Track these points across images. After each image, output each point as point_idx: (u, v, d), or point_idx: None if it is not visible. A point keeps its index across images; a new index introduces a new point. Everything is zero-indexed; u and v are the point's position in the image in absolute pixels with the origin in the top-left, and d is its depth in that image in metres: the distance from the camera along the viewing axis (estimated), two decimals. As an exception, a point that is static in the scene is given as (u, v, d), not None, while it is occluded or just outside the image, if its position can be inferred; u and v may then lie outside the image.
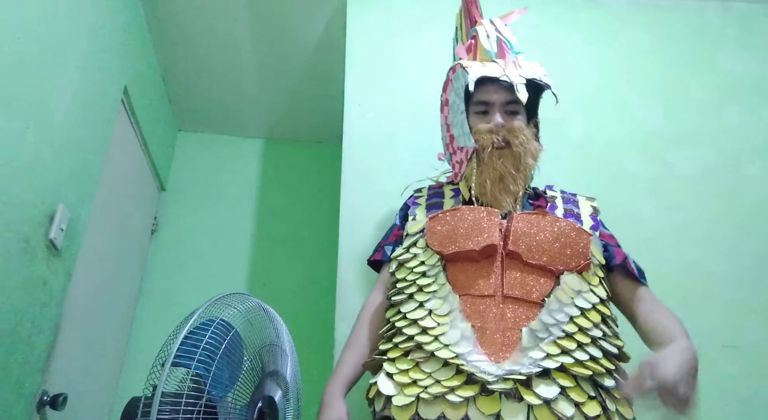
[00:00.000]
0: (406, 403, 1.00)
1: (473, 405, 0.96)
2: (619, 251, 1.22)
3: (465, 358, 1.00)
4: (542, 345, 1.00)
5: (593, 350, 1.01)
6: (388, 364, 1.08)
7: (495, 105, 1.26)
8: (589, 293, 1.09)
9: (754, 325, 1.67)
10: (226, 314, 1.13)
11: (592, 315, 1.06)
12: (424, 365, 1.03)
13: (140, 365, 2.26)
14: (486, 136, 1.24)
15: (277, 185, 2.83)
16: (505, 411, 0.94)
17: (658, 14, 2.16)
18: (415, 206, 1.33)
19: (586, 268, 1.11)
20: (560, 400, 0.95)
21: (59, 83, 1.50)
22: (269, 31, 2.34)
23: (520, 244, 1.10)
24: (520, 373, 0.96)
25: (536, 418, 0.94)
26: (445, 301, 1.09)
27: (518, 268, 1.09)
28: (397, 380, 1.03)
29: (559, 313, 1.04)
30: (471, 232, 1.13)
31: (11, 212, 1.29)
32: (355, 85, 1.96)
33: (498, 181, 1.21)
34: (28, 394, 1.43)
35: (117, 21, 1.90)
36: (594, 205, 1.31)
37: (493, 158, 1.22)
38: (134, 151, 2.28)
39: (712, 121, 1.98)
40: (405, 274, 1.18)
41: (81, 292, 1.76)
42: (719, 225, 1.81)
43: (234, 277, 2.57)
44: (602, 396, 0.99)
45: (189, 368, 1.01)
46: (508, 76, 1.25)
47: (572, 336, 1.02)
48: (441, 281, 1.12)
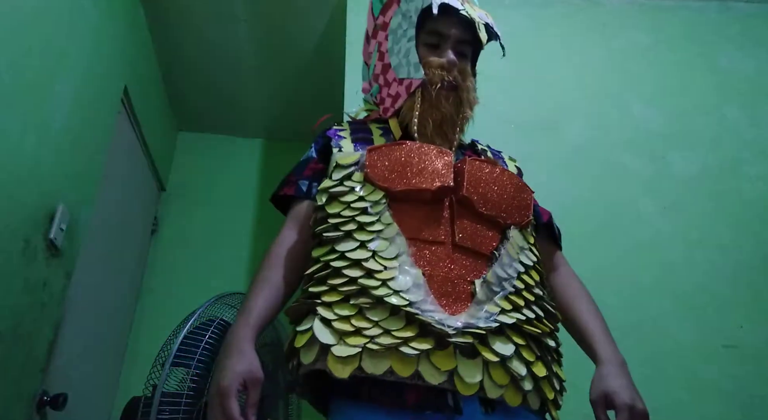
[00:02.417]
0: (350, 355, 0.85)
1: (426, 360, 0.85)
2: (544, 210, 1.18)
3: (418, 307, 0.88)
4: (496, 299, 0.92)
5: (537, 309, 0.96)
6: (323, 308, 0.91)
7: (449, 39, 1.14)
8: (529, 251, 1.03)
9: (754, 325, 1.67)
10: (226, 314, 1.14)
11: (533, 273, 1.01)
12: (369, 312, 0.89)
13: (140, 365, 2.25)
14: (437, 72, 1.11)
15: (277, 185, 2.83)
16: (461, 368, 0.85)
17: (658, 14, 2.16)
18: (338, 138, 1.16)
19: (527, 225, 1.06)
20: (514, 358, 0.88)
21: (59, 83, 1.50)
22: (269, 31, 2.34)
23: (473, 190, 1.01)
24: (478, 326, 0.88)
25: (491, 376, 0.86)
26: (391, 243, 0.96)
27: (469, 216, 1.00)
28: (336, 327, 0.87)
29: (510, 267, 0.97)
30: (422, 169, 1.01)
31: (11, 212, 1.29)
32: (355, 85, 1.96)
33: (439, 124, 1.11)
34: (28, 394, 1.43)
35: (117, 21, 1.90)
36: (518, 166, 1.24)
37: (441, 98, 1.11)
38: (134, 151, 2.28)
39: (711, 121, 1.98)
40: (339, 208, 1.01)
41: (81, 292, 1.76)
42: (719, 225, 1.81)
43: (234, 277, 2.56)
44: (546, 356, 0.94)
45: (189, 368, 1.01)
46: (468, 12, 1.14)
47: (521, 293, 0.96)
48: (386, 221, 0.98)
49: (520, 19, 2.14)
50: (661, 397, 1.57)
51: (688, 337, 1.65)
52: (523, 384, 0.87)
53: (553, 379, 0.93)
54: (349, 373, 0.84)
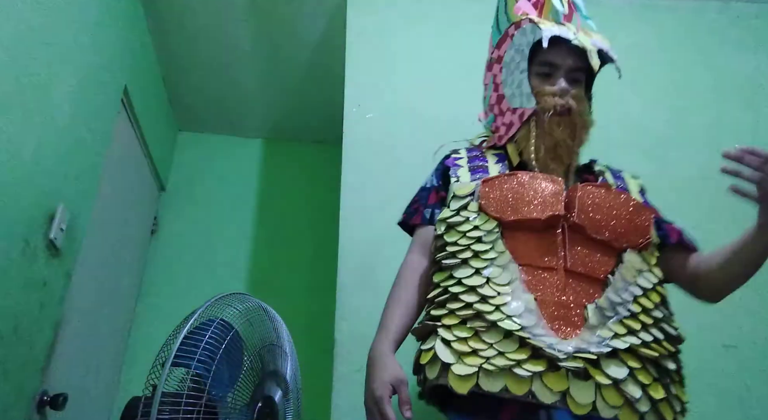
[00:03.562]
0: (468, 373, 0.93)
1: (539, 380, 0.91)
2: (672, 228, 1.17)
3: (530, 332, 0.94)
4: (609, 324, 0.96)
5: (656, 332, 0.98)
6: (443, 330, 1.00)
7: (561, 69, 1.18)
8: (649, 273, 1.05)
9: (754, 325, 1.67)
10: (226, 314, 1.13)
11: (653, 295, 1.03)
12: (484, 335, 0.97)
13: (140, 365, 2.26)
14: (549, 99, 1.16)
15: (277, 185, 2.83)
16: (573, 389, 0.90)
17: (657, 14, 2.16)
18: (456, 167, 1.23)
19: (646, 247, 1.08)
20: (628, 380, 0.92)
21: (59, 83, 1.50)
22: (269, 31, 2.34)
23: (584, 216, 1.05)
24: (589, 351, 0.92)
25: (604, 398, 0.90)
26: (504, 270, 1.02)
27: (581, 242, 1.04)
28: (455, 348, 0.97)
29: (624, 291, 1.00)
30: (532, 199, 1.07)
31: (11, 212, 1.29)
32: (355, 85, 1.97)
33: (552, 149, 1.15)
34: (28, 394, 1.43)
35: (117, 21, 1.90)
36: (641, 183, 1.26)
37: (553, 124, 1.15)
38: (134, 151, 2.28)
39: (712, 121, 1.98)
40: (456, 237, 1.09)
41: (81, 292, 1.76)
42: (719, 225, 1.81)
43: (234, 277, 2.57)
44: (665, 379, 0.96)
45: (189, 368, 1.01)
46: (580, 41, 1.16)
47: (637, 316, 0.98)
48: (499, 249, 1.05)
49: (520, 19, 2.13)
50: (661, 397, 1.58)
51: (688, 336, 1.64)
52: (638, 406, 0.90)
53: (673, 400, 0.95)
54: (468, 390, 0.93)
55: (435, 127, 1.61)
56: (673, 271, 1.15)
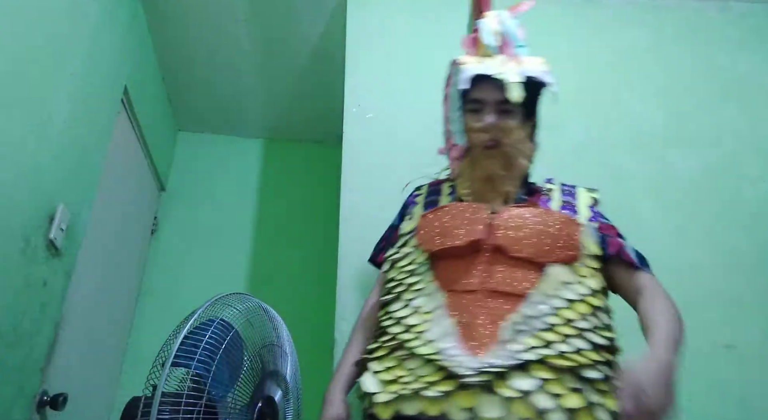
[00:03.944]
0: (387, 400, 1.01)
1: (451, 400, 0.95)
2: (614, 241, 1.18)
3: (445, 354, 0.99)
4: (522, 338, 0.99)
5: (579, 342, 1.00)
6: (373, 362, 1.10)
7: (488, 103, 1.22)
8: (577, 285, 1.07)
9: (754, 325, 1.67)
10: (226, 314, 1.14)
11: (580, 307, 1.04)
12: (406, 362, 1.04)
13: (140, 365, 2.25)
14: (476, 135, 1.22)
15: (277, 185, 2.83)
16: (481, 405, 0.94)
17: (657, 14, 2.16)
18: (413, 205, 1.33)
19: (573, 259, 1.10)
20: (537, 392, 0.93)
21: (59, 83, 1.50)
22: (269, 31, 2.34)
23: (504, 237, 1.10)
24: (496, 365, 0.95)
25: (512, 411, 0.92)
26: (430, 298, 1.09)
27: (504, 261, 1.08)
28: (381, 378, 1.05)
29: (543, 305, 1.03)
30: (456, 228, 1.13)
31: (11, 212, 1.29)
32: (355, 85, 1.96)
33: (486, 182, 1.21)
34: (28, 394, 1.43)
35: (117, 21, 1.90)
36: (594, 197, 1.28)
37: (482, 158, 1.21)
38: (134, 151, 2.28)
39: (711, 121, 1.98)
40: (395, 273, 1.19)
41: (81, 292, 1.76)
42: (719, 225, 1.81)
43: (234, 277, 2.57)
44: (586, 388, 0.96)
45: (189, 368, 1.01)
46: (503, 74, 1.21)
47: (555, 328, 1.00)
48: (428, 279, 1.12)
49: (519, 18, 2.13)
50: (661, 397, 1.58)
51: (688, 336, 1.65)
52: (549, 416, 0.91)
53: (598, 409, 0.95)
54: (389, 415, 1.00)
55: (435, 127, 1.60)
56: (615, 284, 1.18)
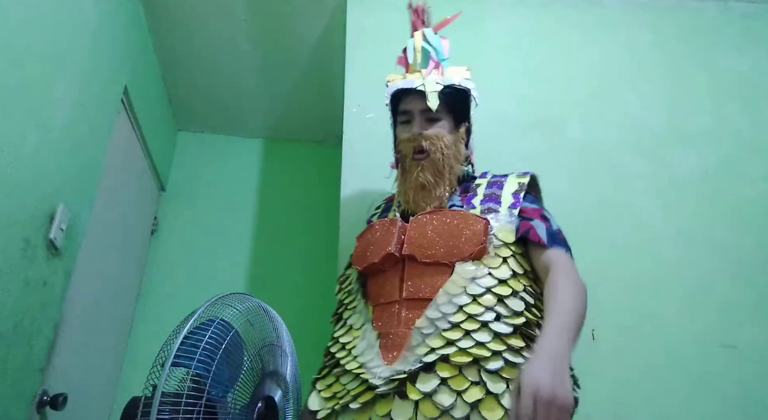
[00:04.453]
0: (324, 416, 1.08)
1: (373, 408, 1.01)
2: (525, 223, 1.17)
3: (366, 366, 1.05)
4: (428, 340, 1.02)
5: (480, 335, 1.01)
6: (319, 382, 1.17)
7: (415, 113, 1.29)
8: (485, 277, 1.08)
9: (754, 325, 1.67)
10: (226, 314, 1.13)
11: (485, 299, 1.05)
12: (342, 378, 1.11)
13: (140, 365, 2.26)
14: (405, 145, 1.27)
15: (277, 185, 2.83)
16: (394, 410, 0.98)
17: (658, 14, 2.17)
18: (368, 224, 1.36)
19: (482, 253, 1.10)
20: (440, 391, 0.97)
21: (59, 83, 1.50)
22: (269, 31, 2.34)
23: (411, 245, 1.13)
24: (403, 371, 1.00)
25: (422, 412, 0.96)
26: (360, 315, 1.15)
27: (417, 269, 1.12)
28: (323, 395, 1.13)
29: (447, 305, 1.05)
30: (376, 244, 1.18)
31: (11, 212, 1.29)
32: (355, 85, 1.96)
33: (420, 190, 1.23)
34: (28, 394, 1.43)
35: (117, 21, 1.90)
36: (522, 182, 1.26)
37: (413, 167, 1.25)
38: (134, 151, 2.28)
39: (712, 121, 1.98)
40: (340, 295, 1.27)
41: (81, 292, 1.76)
42: (719, 225, 1.81)
43: (234, 277, 2.57)
44: (485, 380, 0.97)
45: (189, 368, 1.01)
46: (424, 86, 1.28)
47: (459, 325, 1.02)
48: (359, 296, 1.19)
49: (519, 18, 2.14)
50: (660, 397, 1.58)
51: (687, 336, 1.65)
52: (454, 413, 0.94)
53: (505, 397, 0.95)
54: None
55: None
56: (533, 267, 1.16)
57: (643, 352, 1.62)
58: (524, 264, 1.15)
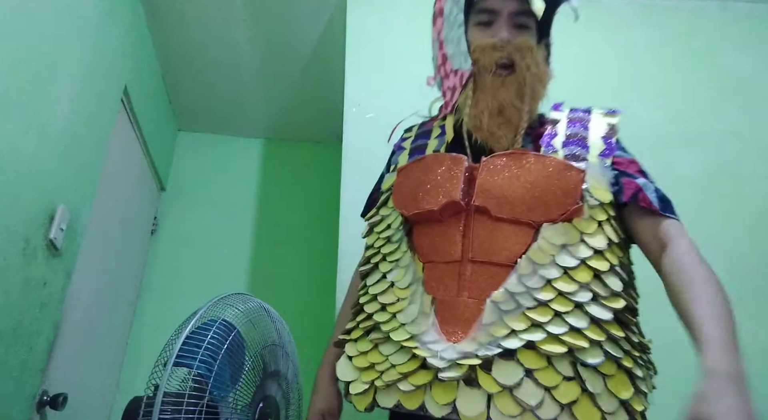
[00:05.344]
0: (362, 391, 0.89)
1: (429, 393, 0.82)
2: (629, 182, 0.96)
3: (420, 340, 0.85)
4: (506, 319, 0.82)
5: (575, 319, 0.82)
6: (350, 345, 0.96)
7: (502, 15, 1.03)
8: (578, 245, 0.87)
9: (754, 325, 1.67)
10: (228, 314, 1.13)
11: (579, 274, 0.85)
12: (382, 347, 0.90)
13: (140, 365, 2.26)
14: (488, 54, 1.00)
15: (277, 185, 2.83)
16: (460, 400, 0.79)
17: (657, 13, 2.17)
18: (399, 151, 1.13)
19: (575, 214, 0.89)
20: (524, 384, 0.78)
21: (59, 83, 1.50)
22: (269, 31, 2.34)
23: (487, 196, 0.90)
24: (476, 355, 0.80)
25: (497, 407, 0.78)
26: (406, 271, 0.93)
27: (488, 225, 0.89)
28: (356, 364, 0.92)
29: (532, 277, 0.85)
30: (432, 187, 0.94)
31: (11, 212, 1.29)
32: (355, 85, 1.96)
33: (497, 114, 0.99)
34: (28, 394, 1.43)
35: (117, 21, 1.90)
36: (612, 123, 1.06)
37: (496, 85, 1.00)
38: (134, 151, 2.28)
39: (712, 121, 1.98)
40: (373, 240, 1.02)
41: (81, 292, 1.76)
42: (719, 225, 1.81)
43: (234, 277, 2.57)
44: (583, 376, 0.80)
45: (191, 368, 1.01)
46: None
47: (547, 304, 0.83)
48: (404, 248, 0.96)
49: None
50: (660, 397, 1.57)
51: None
52: (540, 413, 0.77)
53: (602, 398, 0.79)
54: (364, 407, 0.89)
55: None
56: (635, 235, 0.98)
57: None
58: (620, 231, 0.94)
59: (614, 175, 0.97)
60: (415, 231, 0.97)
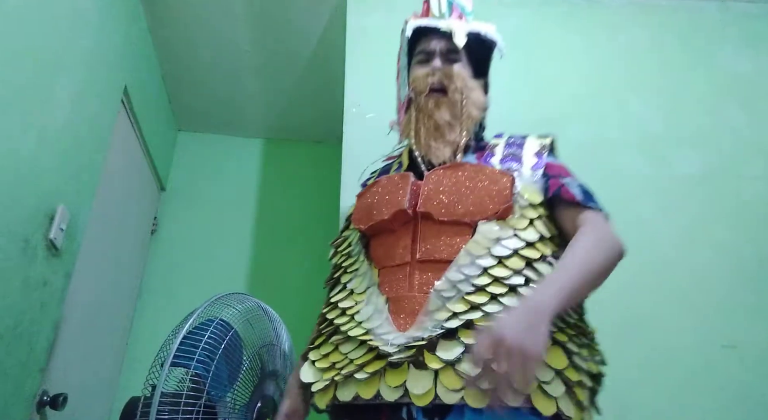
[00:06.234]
0: (322, 388, 0.95)
1: (383, 379, 0.89)
2: (555, 182, 1.07)
3: (374, 333, 0.94)
4: (448, 304, 0.91)
5: (509, 300, 0.91)
6: (312, 352, 1.03)
7: (435, 53, 1.19)
8: (510, 239, 0.98)
9: (754, 325, 1.67)
10: (226, 314, 1.14)
11: (512, 262, 0.95)
12: (342, 347, 0.98)
13: (140, 365, 2.26)
14: (422, 80, 1.16)
15: (277, 185, 2.83)
16: (410, 381, 0.87)
17: (657, 14, 2.16)
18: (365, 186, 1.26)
19: (506, 213, 1.00)
20: (465, 359, 0.86)
21: (59, 83, 1.50)
22: (269, 31, 2.34)
23: (430, 202, 1.02)
24: (422, 338, 0.89)
25: (442, 382, 0.85)
26: (363, 278, 1.04)
27: (432, 229, 1.01)
28: (318, 366, 0.99)
29: (470, 267, 0.94)
30: (384, 201, 1.07)
31: (11, 212, 1.29)
32: (355, 85, 1.96)
33: (433, 130, 1.12)
34: (28, 394, 1.43)
35: (117, 21, 1.90)
36: (544, 143, 1.17)
37: (429, 104, 1.14)
38: (134, 151, 2.28)
39: (712, 121, 1.98)
40: (336, 258, 1.14)
41: (81, 292, 1.76)
42: (719, 225, 1.81)
43: (234, 277, 2.57)
44: None
45: (188, 368, 1.01)
46: (449, 26, 1.19)
47: (484, 289, 0.92)
48: (362, 258, 1.07)
49: (519, 18, 2.14)
50: (660, 397, 1.58)
51: (688, 337, 1.65)
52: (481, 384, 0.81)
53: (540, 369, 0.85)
54: (325, 404, 0.94)
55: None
56: (562, 228, 1.06)
57: (643, 352, 1.62)
58: (551, 228, 1.04)
59: (544, 181, 1.08)
60: (372, 243, 1.09)
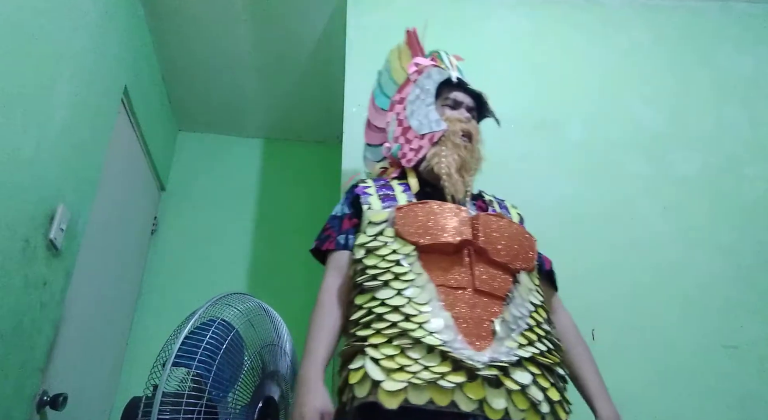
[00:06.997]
0: (398, 389, 1.00)
1: (460, 391, 0.99)
2: (546, 258, 1.34)
3: (451, 346, 1.03)
4: (514, 335, 1.07)
5: (547, 343, 1.11)
6: (371, 349, 1.06)
7: (463, 105, 1.41)
8: (536, 292, 1.18)
9: (754, 325, 1.67)
10: (227, 314, 1.14)
11: (541, 312, 1.15)
12: (410, 351, 1.04)
13: (140, 365, 2.25)
14: (457, 123, 1.35)
15: (277, 185, 2.83)
16: (489, 396, 1.00)
17: (658, 14, 2.17)
18: (366, 195, 1.33)
19: (532, 270, 1.21)
20: (532, 386, 1.03)
21: (59, 83, 1.50)
22: (269, 31, 2.34)
23: (487, 241, 1.17)
24: (501, 361, 1.02)
25: (514, 402, 1.00)
26: (423, 290, 1.11)
27: (485, 263, 1.15)
28: (384, 366, 1.03)
29: (522, 307, 1.12)
30: (444, 224, 1.18)
31: (11, 212, 1.29)
32: (355, 85, 1.96)
33: (460, 167, 1.31)
34: (28, 394, 1.43)
35: (117, 21, 1.90)
36: (519, 213, 1.41)
37: (459, 145, 1.33)
38: (134, 151, 2.28)
39: (712, 121, 1.98)
40: (376, 261, 1.17)
41: (81, 292, 1.76)
42: (719, 225, 1.81)
43: (234, 277, 2.56)
44: (559, 383, 1.09)
45: (190, 368, 1.01)
46: (481, 91, 1.43)
47: (533, 329, 1.10)
48: (417, 270, 1.14)
49: (520, 18, 2.14)
50: (660, 397, 1.58)
51: (688, 337, 1.65)
52: (541, 408, 1.01)
53: (564, 402, 1.07)
54: (397, 404, 0.98)
55: (435, 127, 1.60)
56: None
57: (644, 352, 1.62)
58: None
59: None
60: (423, 258, 1.16)
